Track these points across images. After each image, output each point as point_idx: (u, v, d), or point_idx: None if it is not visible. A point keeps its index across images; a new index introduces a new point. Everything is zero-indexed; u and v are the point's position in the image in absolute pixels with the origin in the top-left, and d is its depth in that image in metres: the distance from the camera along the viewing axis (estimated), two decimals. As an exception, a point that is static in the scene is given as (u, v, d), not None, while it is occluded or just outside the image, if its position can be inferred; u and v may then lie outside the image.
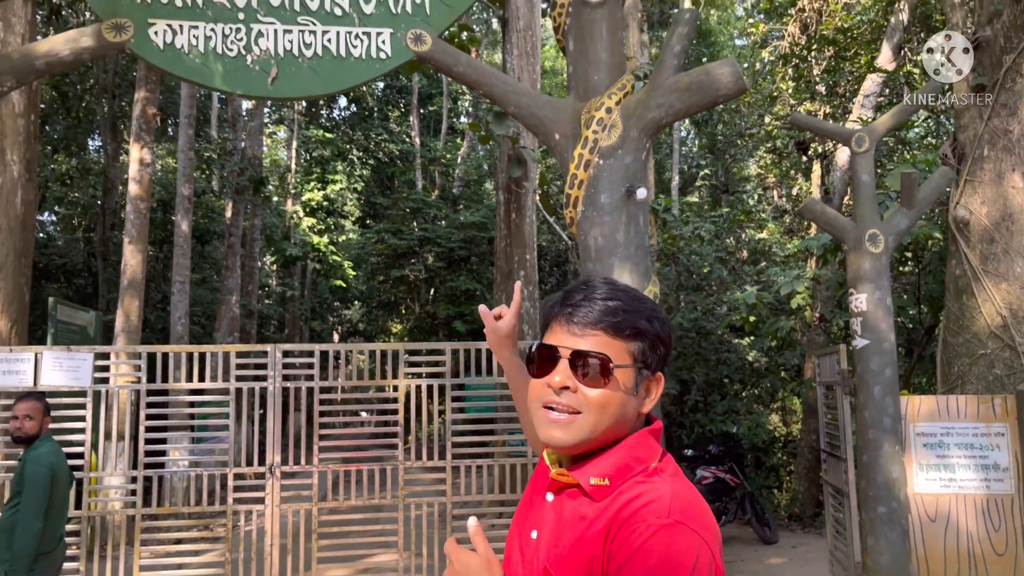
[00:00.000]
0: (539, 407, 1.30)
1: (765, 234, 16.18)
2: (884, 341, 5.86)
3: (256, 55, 5.76)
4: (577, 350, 1.27)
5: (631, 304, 1.31)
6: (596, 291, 1.32)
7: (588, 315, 1.28)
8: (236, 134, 16.54)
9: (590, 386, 1.26)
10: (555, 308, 1.34)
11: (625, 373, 1.27)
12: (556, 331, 1.31)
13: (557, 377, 1.27)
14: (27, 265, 7.63)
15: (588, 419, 1.26)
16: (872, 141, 6.04)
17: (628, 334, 1.28)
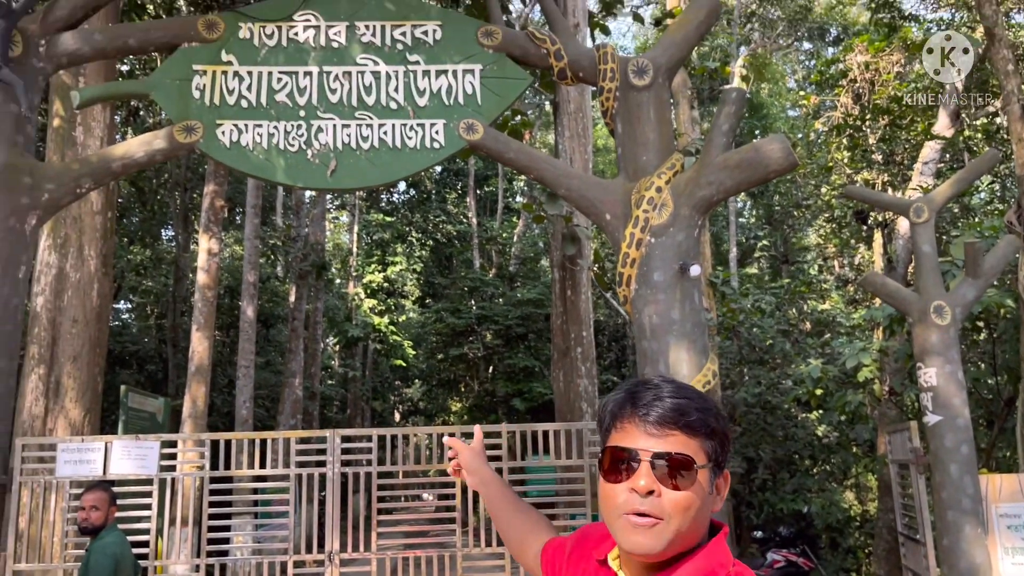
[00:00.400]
0: (620, 514, 1.23)
1: (828, 305, 15.84)
2: (958, 417, 5.63)
3: (316, 149, 6.02)
4: (659, 452, 1.22)
5: (701, 403, 1.28)
6: (663, 390, 1.28)
7: (664, 415, 1.24)
8: (299, 221, 17.13)
9: (674, 489, 1.22)
10: (624, 408, 1.28)
11: (704, 473, 1.24)
12: (631, 432, 1.26)
13: (642, 481, 1.21)
14: (101, 355, 7.94)
15: (673, 524, 1.22)
16: (931, 211, 5.93)
17: (703, 433, 1.25)
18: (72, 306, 7.56)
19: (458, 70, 6.18)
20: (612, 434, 1.29)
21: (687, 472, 1.22)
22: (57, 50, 5.60)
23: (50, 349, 7.46)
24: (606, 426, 1.31)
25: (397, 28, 6.13)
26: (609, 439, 1.30)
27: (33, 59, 5.48)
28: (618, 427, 1.28)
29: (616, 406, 1.30)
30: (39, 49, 5.51)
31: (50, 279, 7.60)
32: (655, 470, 1.22)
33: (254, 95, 5.94)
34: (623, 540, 1.24)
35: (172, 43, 5.86)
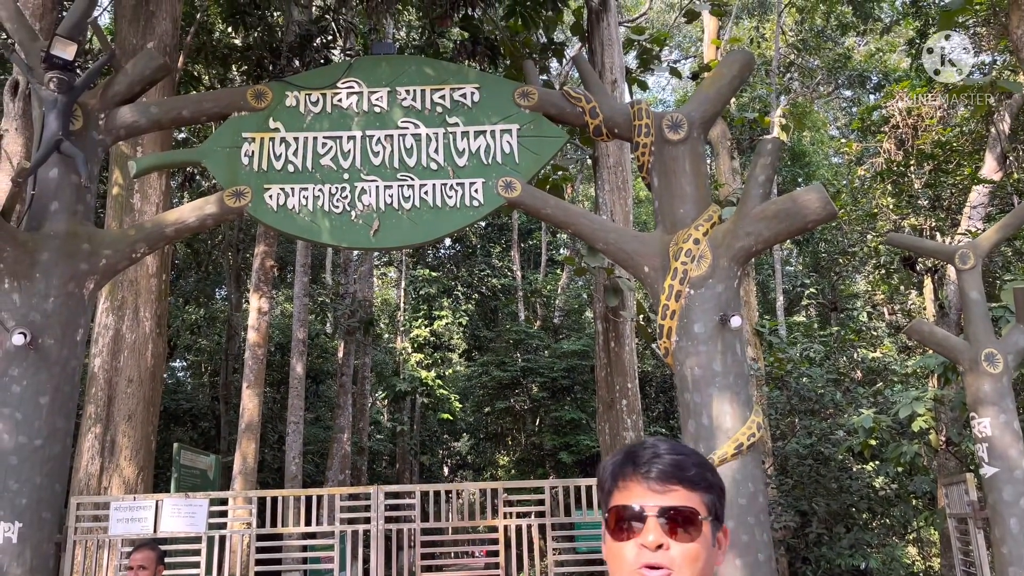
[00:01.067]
0: (631, 571, 1.26)
1: (879, 353, 15.48)
2: (1016, 469, 5.44)
3: (360, 211, 6.19)
4: (664, 506, 1.26)
5: (697, 458, 1.34)
6: (660, 448, 1.33)
7: (664, 471, 1.29)
8: (347, 279, 17.48)
9: (681, 541, 1.26)
10: (625, 468, 1.33)
11: (706, 525, 1.29)
12: (634, 490, 1.30)
13: (651, 536, 1.25)
14: (154, 414, 8.16)
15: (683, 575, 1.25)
16: (977, 257, 5.84)
17: (703, 487, 1.30)
18: (128, 366, 7.81)
19: (496, 130, 6.34)
20: (614, 494, 1.32)
21: (692, 524, 1.26)
22: (115, 123, 5.91)
23: (106, 408, 7.69)
24: (608, 488, 1.34)
25: (436, 92, 6.33)
26: (612, 500, 1.32)
27: (93, 132, 5.78)
28: (621, 487, 1.32)
29: (616, 467, 1.34)
30: (99, 122, 5.82)
31: (107, 340, 7.88)
32: (661, 525, 1.25)
33: (300, 160, 6.16)
34: None
35: (223, 113, 6.13)
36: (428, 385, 22.52)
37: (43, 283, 5.45)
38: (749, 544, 5.35)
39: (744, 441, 5.49)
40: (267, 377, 18.29)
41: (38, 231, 5.50)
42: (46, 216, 5.59)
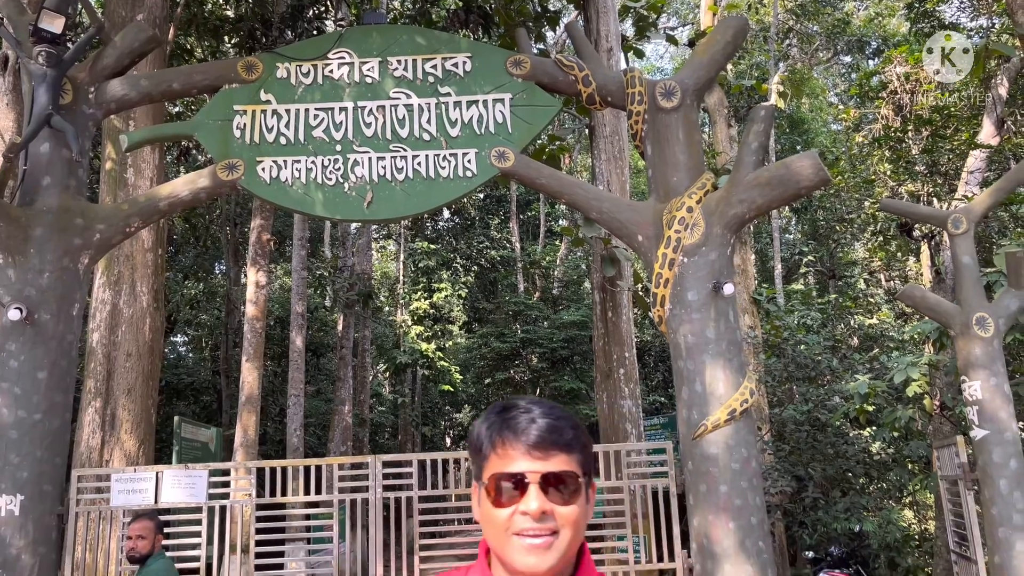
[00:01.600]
0: (509, 536, 1.27)
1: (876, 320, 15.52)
2: (1006, 431, 5.50)
3: (352, 182, 6.19)
4: (547, 473, 1.27)
5: (571, 420, 1.34)
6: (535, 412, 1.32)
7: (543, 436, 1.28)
8: (346, 252, 17.49)
9: (564, 504, 1.27)
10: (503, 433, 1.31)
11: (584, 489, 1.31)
12: (512, 456, 1.29)
13: (534, 504, 1.25)
14: (154, 388, 8.22)
15: (565, 538, 1.27)
16: (969, 222, 5.85)
17: (578, 448, 1.31)
18: (126, 341, 7.86)
19: (488, 100, 6.32)
20: (491, 460, 1.31)
21: (572, 488, 1.28)
22: (106, 96, 5.89)
23: (105, 383, 7.75)
24: (485, 453, 1.32)
25: (428, 61, 6.30)
26: (488, 465, 1.31)
27: (83, 106, 5.77)
28: (500, 453, 1.30)
29: (493, 433, 1.32)
30: (88, 96, 5.80)
31: (105, 315, 7.92)
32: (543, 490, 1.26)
33: (292, 132, 6.15)
34: (520, 561, 1.26)
35: (214, 85, 6.11)
36: (428, 357, 22.63)
37: (37, 258, 5.47)
38: (742, 508, 5.42)
39: (737, 407, 5.54)
40: (267, 351, 18.37)
41: (31, 206, 5.51)
42: (38, 191, 5.59)
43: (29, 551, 5.12)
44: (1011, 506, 5.37)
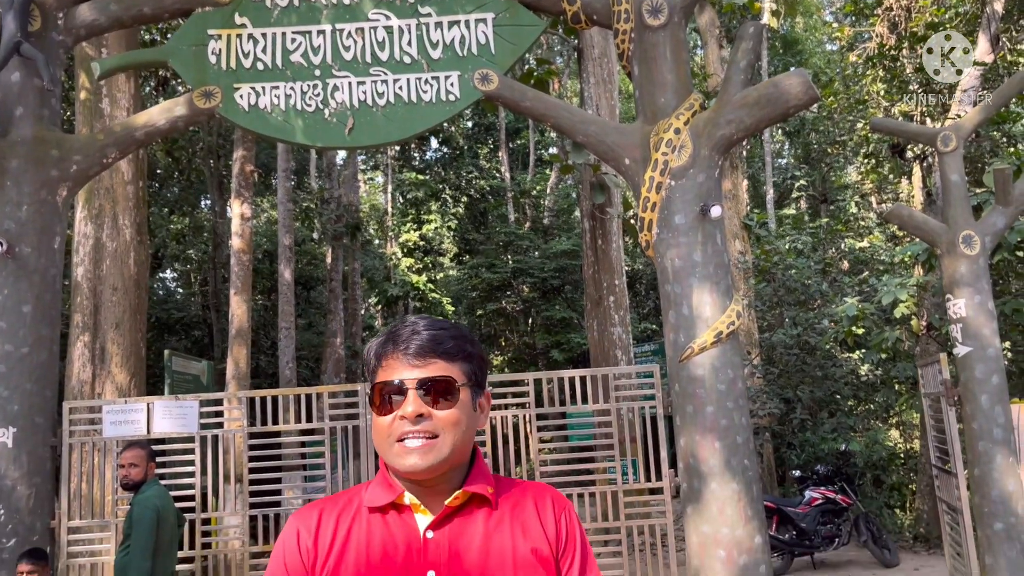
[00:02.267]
0: (392, 442, 1.33)
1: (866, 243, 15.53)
2: (988, 347, 5.55)
3: (333, 108, 6.06)
4: (422, 378, 1.33)
5: (456, 331, 1.41)
6: (420, 325, 1.39)
7: (422, 346, 1.35)
8: (332, 183, 17.29)
9: (442, 408, 1.33)
10: (386, 347, 1.38)
11: (465, 392, 1.37)
12: (394, 367, 1.36)
13: (410, 407, 1.31)
14: (142, 321, 8.20)
15: (446, 439, 1.33)
16: (959, 139, 5.78)
17: (460, 357, 1.38)
18: (111, 275, 7.80)
19: (470, 20, 6.15)
20: (378, 373, 1.39)
21: (450, 392, 1.35)
22: (75, 22, 5.70)
23: (93, 317, 7.73)
24: (372, 368, 1.40)
25: (407, -20, 6.10)
26: (376, 378, 1.39)
27: (52, 32, 5.59)
28: (384, 365, 1.38)
29: (379, 347, 1.40)
30: (57, 22, 5.62)
31: (88, 249, 7.84)
32: (421, 396, 1.33)
33: (269, 57, 5.99)
34: (400, 464, 1.32)
35: (186, 8, 5.92)
36: (420, 289, 22.63)
37: (14, 191, 5.38)
38: (728, 427, 5.50)
39: (723, 329, 5.57)
40: (256, 284, 18.34)
41: (4, 138, 5.40)
42: (11, 122, 5.47)
43: (24, 482, 5.18)
44: (992, 420, 5.46)
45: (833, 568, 8.90)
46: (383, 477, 1.40)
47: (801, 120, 19.23)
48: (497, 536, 1.35)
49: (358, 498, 1.41)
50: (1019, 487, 5.44)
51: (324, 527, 1.37)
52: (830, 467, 9.50)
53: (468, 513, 1.37)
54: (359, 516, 1.38)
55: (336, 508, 1.40)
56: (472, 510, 1.38)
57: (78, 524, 5.96)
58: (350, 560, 1.34)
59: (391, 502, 1.36)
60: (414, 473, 1.32)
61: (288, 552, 1.38)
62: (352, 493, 1.44)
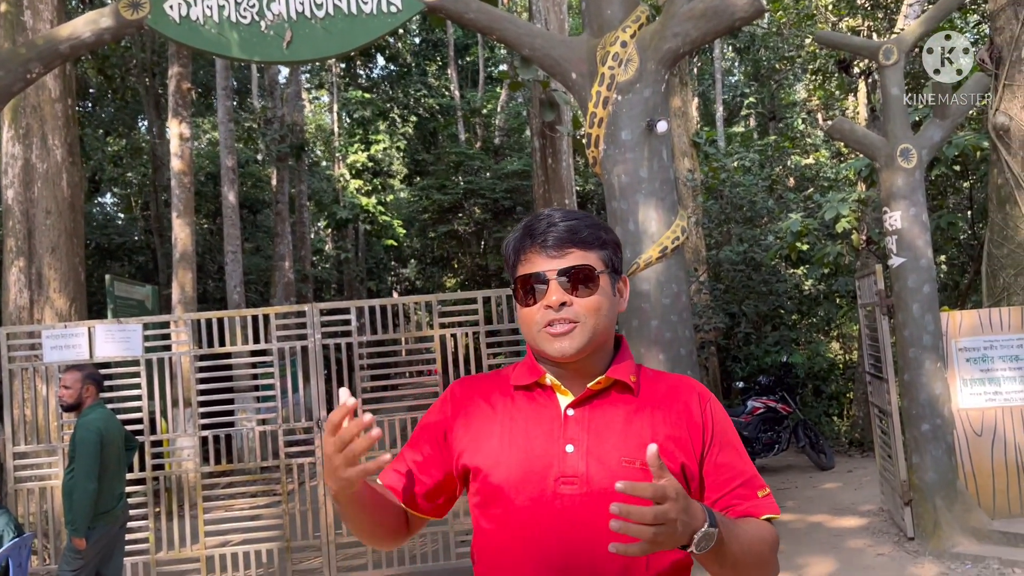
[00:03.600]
0: (539, 330, 1.39)
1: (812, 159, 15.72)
2: (921, 258, 5.73)
3: (270, 20, 5.83)
4: (562, 268, 1.38)
5: (590, 220, 1.45)
6: (555, 217, 1.43)
7: (559, 237, 1.39)
8: (275, 102, 16.76)
9: (583, 296, 1.38)
10: (524, 241, 1.43)
11: (604, 278, 1.41)
12: (533, 260, 1.40)
13: (553, 296, 1.37)
14: (79, 245, 7.96)
15: (588, 324, 1.38)
16: (901, 52, 5.81)
17: (597, 244, 1.42)
18: (43, 197, 7.52)
19: (411, -74, 5.90)
20: (519, 267, 1.43)
21: (590, 279, 1.39)
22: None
23: (27, 241, 7.48)
24: (512, 263, 1.45)
25: None
26: (516, 271, 1.44)
27: (-40, -63, 5.22)
28: (523, 260, 1.42)
29: (517, 242, 1.45)
30: (-35, -75, 5.24)
31: (17, 171, 7.52)
32: (562, 284, 1.38)
33: (199, -36, 5.69)
34: (549, 349, 1.39)
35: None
36: (369, 212, 22.33)
37: (-69, 108, 5.12)
38: (672, 340, 5.62)
39: (668, 244, 5.64)
40: (200, 208, 17.90)
41: (-85, 51, 5.09)
42: (-79, 34, 5.14)
43: (-37, 409, 5.08)
44: (922, 328, 5.68)
45: (773, 472, 9.31)
46: (529, 360, 1.48)
47: (751, 36, 19.10)
48: (637, 420, 1.41)
49: (506, 379, 1.50)
50: (945, 391, 5.71)
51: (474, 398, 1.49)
52: (772, 378, 9.83)
53: (610, 397, 1.43)
54: (506, 393, 1.47)
55: (487, 383, 1.52)
56: (613, 395, 1.43)
57: (24, 449, 5.91)
58: (494, 432, 1.43)
59: (534, 382, 1.44)
60: (562, 357, 1.38)
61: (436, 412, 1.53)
62: (503, 374, 1.53)
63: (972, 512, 5.67)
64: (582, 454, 1.36)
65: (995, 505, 5.76)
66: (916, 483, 5.84)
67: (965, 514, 5.67)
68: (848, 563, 5.69)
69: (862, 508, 7.18)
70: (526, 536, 1.36)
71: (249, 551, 6.08)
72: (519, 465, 1.38)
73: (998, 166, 6.39)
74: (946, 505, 5.69)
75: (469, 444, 1.44)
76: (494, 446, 1.41)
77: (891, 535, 6.22)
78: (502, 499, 1.38)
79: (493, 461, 1.40)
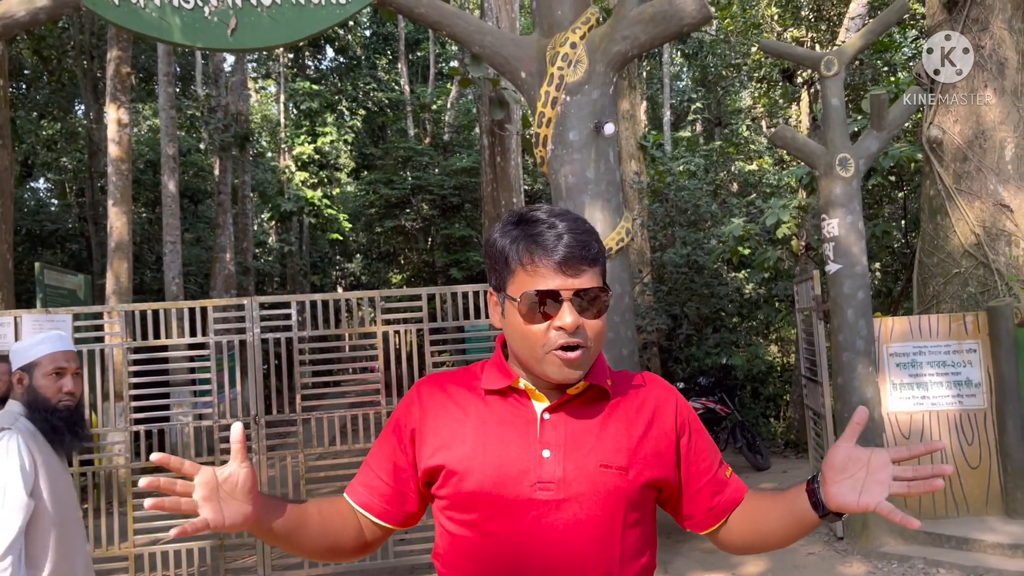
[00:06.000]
0: (546, 352, 1.32)
1: (755, 166, 16.04)
2: (856, 265, 5.88)
3: (214, 6, 5.69)
4: (579, 290, 1.31)
5: (591, 229, 1.37)
6: (560, 227, 1.33)
7: (573, 253, 1.31)
8: (219, 90, 16.39)
9: (592, 318, 1.33)
10: (531, 251, 1.32)
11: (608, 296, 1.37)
12: (544, 275, 1.31)
13: (569, 319, 1.29)
14: (8, 231, 7.67)
15: (593, 349, 1.35)
16: (841, 64, 5.96)
17: (601, 261, 1.36)
18: (-30, 180, 7.23)
19: (362, -83, 5.82)
20: (520, 276, 1.33)
21: (600, 302, 1.34)
22: None
23: (-49, 226, 7.18)
24: (511, 268, 1.34)
25: None
26: (515, 280, 1.34)
27: None
28: (528, 270, 1.32)
29: (519, 247, 1.33)
30: None
31: (-58, 152, 7.21)
32: (576, 305, 1.31)
33: (140, -54, 5.53)
34: (556, 374, 1.33)
35: None
36: (315, 205, 22.00)
37: None
38: (614, 340, 5.67)
39: (613, 246, 5.68)
40: (138, 196, 17.41)
41: None
42: None
43: None
44: (856, 333, 5.84)
45: (710, 472, 9.48)
46: (500, 363, 1.43)
47: (699, 42, 19.41)
48: (612, 423, 1.39)
49: (474, 379, 1.45)
50: (876, 394, 5.88)
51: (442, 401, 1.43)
52: (712, 379, 9.99)
53: (585, 401, 1.40)
54: (476, 395, 1.42)
55: (454, 384, 1.46)
56: (589, 399, 1.40)
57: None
58: (467, 434, 1.38)
59: (508, 386, 1.40)
60: (567, 382, 1.35)
61: (401, 416, 1.46)
62: (470, 374, 1.47)
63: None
64: (559, 459, 1.34)
65: (921, 507, 5.95)
66: (847, 484, 5.99)
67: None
68: (780, 562, 5.82)
69: (795, 508, 7.34)
70: (501, 541, 1.34)
71: (180, 549, 5.93)
72: (495, 470, 1.34)
73: (931, 178, 6.60)
74: (874, 505, 5.86)
75: (440, 447, 1.39)
76: (467, 450, 1.36)
77: (821, 535, 6.38)
78: (476, 504, 1.35)
79: (466, 465, 1.36)
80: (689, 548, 6.22)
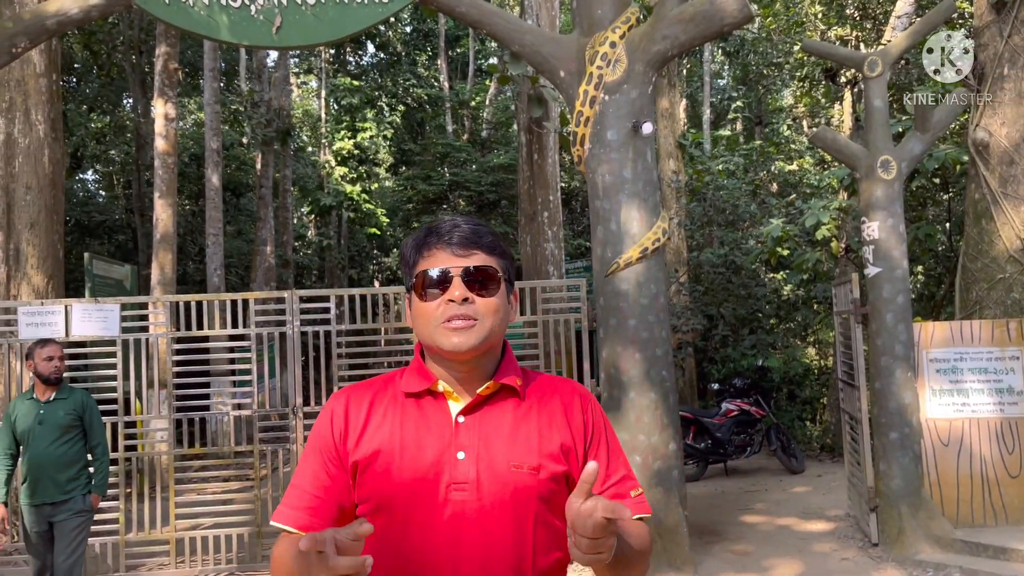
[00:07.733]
0: (437, 325, 1.41)
1: (796, 166, 15.85)
2: (896, 268, 5.81)
3: (260, 4, 5.81)
4: (468, 266, 1.42)
5: (491, 229, 1.51)
6: (459, 220, 1.49)
7: (465, 237, 1.44)
8: (262, 86, 16.64)
9: (484, 295, 1.42)
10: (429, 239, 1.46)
11: (502, 284, 1.46)
12: (438, 256, 1.43)
13: (457, 292, 1.40)
14: (59, 222, 7.89)
15: (486, 324, 1.41)
16: (885, 65, 5.89)
17: (498, 252, 1.47)
18: (24, 172, 7.45)
19: (405, -83, 5.90)
20: (419, 264, 1.46)
21: (492, 281, 1.43)
22: None
23: (6, 216, 7.40)
24: (412, 260, 1.48)
25: None
26: (416, 269, 1.46)
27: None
28: (426, 256, 1.45)
29: (420, 240, 1.48)
30: None
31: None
32: (465, 282, 1.41)
33: (190, -55, 5.66)
34: (446, 343, 1.40)
35: None
36: (354, 199, 22.19)
37: (-88, 79, 5.06)
38: (649, 340, 5.68)
39: (649, 246, 5.69)
40: (183, 189, 17.75)
41: (-103, 20, 5.03)
42: (-95, 3, 5.08)
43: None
44: (895, 337, 5.77)
45: (744, 474, 9.42)
46: (419, 366, 1.49)
47: (741, 41, 19.20)
48: (524, 425, 1.45)
49: (393, 384, 1.50)
50: (915, 400, 5.81)
51: (359, 408, 1.47)
52: (748, 381, 9.92)
53: (498, 402, 1.46)
54: (395, 400, 1.47)
55: (371, 391, 1.50)
56: (502, 400, 1.46)
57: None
58: (384, 439, 1.42)
59: (426, 389, 1.46)
60: (457, 352, 1.40)
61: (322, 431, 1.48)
62: (387, 379, 1.53)
63: (936, 520, 5.78)
64: (472, 460, 1.39)
65: (959, 514, 5.87)
66: (883, 490, 5.94)
67: (929, 522, 5.77)
68: (813, 566, 5.78)
69: (830, 513, 7.28)
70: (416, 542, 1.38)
71: (219, 535, 6.07)
72: (412, 473, 1.38)
73: (976, 181, 6.49)
74: (911, 512, 5.80)
75: (361, 455, 1.41)
76: (385, 454, 1.40)
77: (856, 540, 6.32)
78: (393, 506, 1.39)
79: (384, 468, 1.39)
80: (720, 549, 6.21)
